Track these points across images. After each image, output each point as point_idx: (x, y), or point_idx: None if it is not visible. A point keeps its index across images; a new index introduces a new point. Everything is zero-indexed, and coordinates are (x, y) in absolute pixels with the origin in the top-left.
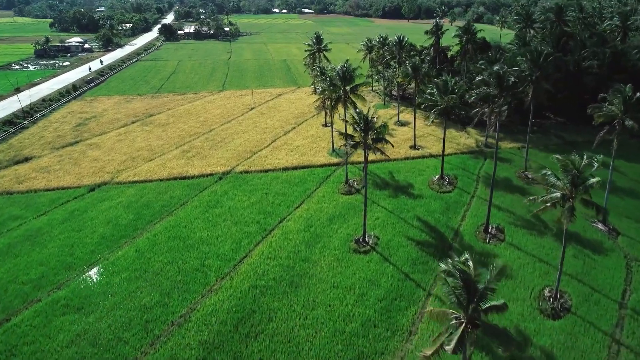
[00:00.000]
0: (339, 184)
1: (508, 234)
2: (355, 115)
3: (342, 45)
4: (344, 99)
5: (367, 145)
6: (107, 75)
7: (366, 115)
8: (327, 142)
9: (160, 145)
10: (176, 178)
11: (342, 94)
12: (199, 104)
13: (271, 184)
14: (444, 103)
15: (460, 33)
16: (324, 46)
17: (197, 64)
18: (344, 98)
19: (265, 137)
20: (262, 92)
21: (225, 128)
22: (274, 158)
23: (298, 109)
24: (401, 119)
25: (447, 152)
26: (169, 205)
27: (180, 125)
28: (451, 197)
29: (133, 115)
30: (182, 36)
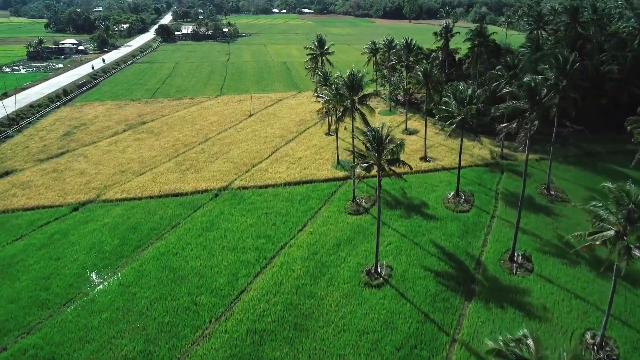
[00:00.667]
0: (345, 202)
1: (536, 263)
2: (366, 131)
3: (344, 47)
4: (352, 110)
5: (381, 168)
6: (100, 79)
7: (379, 131)
8: (332, 154)
9: (152, 156)
10: (168, 195)
11: (350, 104)
12: (195, 110)
13: (271, 202)
14: (462, 114)
15: (471, 36)
16: (327, 49)
17: (194, 67)
18: (352, 109)
19: (264, 148)
20: (262, 97)
21: (222, 137)
22: (275, 172)
23: (299, 115)
24: (409, 127)
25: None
26: (158, 227)
27: (174, 134)
28: (469, 217)
29: (125, 123)
30: (180, 37)
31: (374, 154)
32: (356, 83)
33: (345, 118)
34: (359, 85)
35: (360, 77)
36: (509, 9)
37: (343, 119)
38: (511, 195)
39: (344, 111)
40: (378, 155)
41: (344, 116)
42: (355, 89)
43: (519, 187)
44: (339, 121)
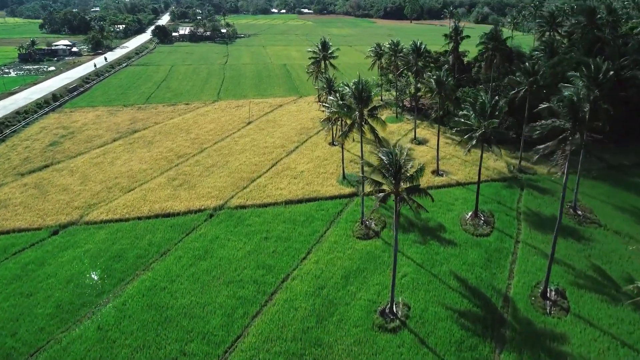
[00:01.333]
0: (353, 224)
1: (572, 300)
2: (381, 155)
3: (345, 48)
4: (360, 124)
5: (399, 198)
6: (92, 82)
7: (396, 154)
8: (336, 167)
9: (142, 170)
10: (158, 215)
11: (358, 118)
12: (190, 117)
13: (272, 223)
14: (483, 128)
15: (485, 40)
16: (331, 53)
17: (190, 70)
18: (360, 123)
19: (264, 160)
20: (261, 102)
21: (218, 148)
22: (275, 187)
23: (301, 123)
24: (417, 136)
25: (475, 180)
26: (146, 255)
27: (167, 144)
28: (490, 242)
29: (115, 131)
30: (177, 38)
31: (390, 180)
32: (365, 94)
33: (352, 132)
34: (368, 97)
35: (369, 88)
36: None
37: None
38: (534, 215)
39: (351, 125)
40: (396, 183)
41: (351, 130)
42: (363, 100)
43: (542, 206)
44: (345, 136)
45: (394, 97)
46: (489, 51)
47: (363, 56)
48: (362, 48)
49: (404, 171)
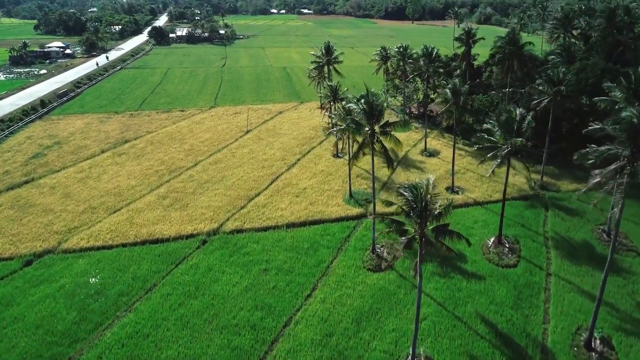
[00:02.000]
0: (363, 252)
1: (621, 351)
2: (402, 191)
3: (347, 50)
4: (371, 142)
5: (426, 241)
6: (83, 87)
7: (421, 190)
8: (342, 182)
9: (131, 186)
10: (145, 242)
11: (369, 136)
12: (185, 125)
13: (272, 251)
14: (509, 146)
15: (502, 44)
16: (335, 57)
17: (187, 73)
18: (371, 142)
19: (263, 175)
20: (260, 108)
21: (214, 160)
22: (275, 207)
23: (302, 132)
24: (428, 147)
25: (496, 198)
26: (129, 292)
27: (159, 156)
28: (518, 275)
29: (104, 141)
30: (174, 39)
31: (414, 220)
32: (376, 109)
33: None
34: (380, 112)
35: (381, 102)
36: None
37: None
38: (564, 241)
39: (361, 144)
40: (421, 224)
41: (361, 150)
42: (375, 116)
43: (571, 230)
44: (355, 158)
45: (400, 103)
46: (506, 56)
47: (366, 58)
48: (365, 50)
49: (431, 209)
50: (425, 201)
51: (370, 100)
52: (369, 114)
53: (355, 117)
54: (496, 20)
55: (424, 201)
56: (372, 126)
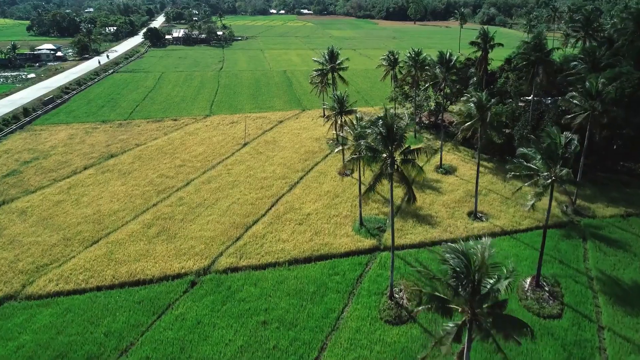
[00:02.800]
0: (378, 298)
1: None
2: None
3: (349, 52)
4: (391, 173)
5: (477, 324)
6: (71, 93)
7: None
8: (351, 207)
9: (113, 211)
10: (124, 284)
11: (389, 165)
12: (178, 136)
13: (272, 297)
14: (553, 176)
15: (526, 50)
16: (339, 64)
17: (182, 77)
18: (391, 172)
19: (262, 197)
20: (258, 117)
21: (208, 179)
22: (276, 238)
23: (305, 144)
24: (443, 163)
25: (526, 226)
26: (100, 354)
27: (147, 173)
28: (565, 329)
29: (88, 156)
30: (170, 41)
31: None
32: (398, 133)
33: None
34: (402, 136)
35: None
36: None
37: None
38: (612, 283)
39: (378, 176)
40: (471, 304)
41: (378, 182)
42: (395, 140)
43: (617, 268)
44: (372, 190)
45: (410, 111)
46: (531, 63)
47: (369, 61)
48: (368, 52)
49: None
50: (477, 277)
51: (390, 123)
52: (388, 139)
53: (370, 142)
54: (500, 20)
55: (475, 278)
56: (391, 153)
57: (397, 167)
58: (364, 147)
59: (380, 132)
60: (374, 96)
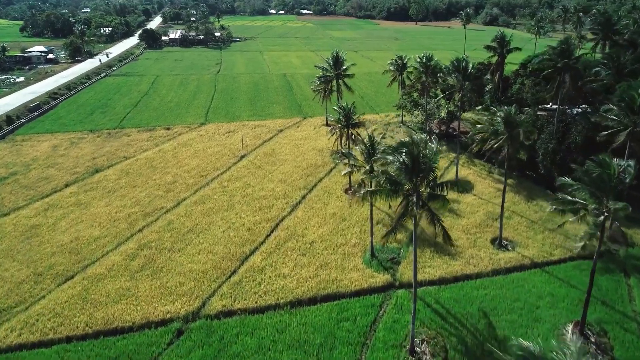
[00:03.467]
0: (397, 352)
1: None
2: None
3: (351, 55)
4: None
5: None
6: (60, 99)
7: None
8: (360, 232)
9: (93, 239)
10: (99, 334)
11: (415, 206)
12: (170, 148)
13: (271, 350)
14: (608, 211)
15: (552, 56)
16: (345, 70)
17: (177, 81)
18: (416, 208)
19: (260, 221)
20: (257, 126)
21: (201, 198)
22: (276, 273)
23: (307, 157)
24: (459, 179)
25: (558, 256)
26: None
27: (134, 192)
28: None
29: (71, 171)
30: (167, 42)
31: None
32: (425, 163)
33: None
34: (430, 167)
35: (433, 154)
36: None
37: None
38: None
39: (402, 215)
40: None
41: (401, 222)
42: (422, 172)
43: None
44: (391, 234)
45: (418, 119)
46: (558, 71)
47: (372, 64)
48: (370, 54)
49: None
50: None
51: (415, 153)
52: (413, 171)
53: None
54: (503, 21)
55: None
56: (416, 188)
57: (423, 203)
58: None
59: (403, 163)
60: (379, 102)
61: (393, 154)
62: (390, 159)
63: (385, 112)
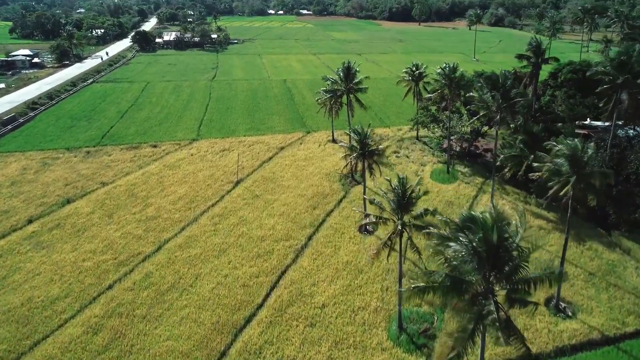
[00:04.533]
0: None
1: None
2: None
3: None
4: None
5: None
6: (39, 109)
7: None
8: (381, 290)
9: (50, 300)
10: None
11: (492, 318)
12: (155, 170)
13: None
14: None
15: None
16: (357, 83)
17: (169, 88)
18: (496, 325)
19: (258, 273)
20: (255, 142)
21: (187, 239)
22: (278, 355)
23: (312, 183)
24: None
25: (631, 327)
26: None
27: (108, 232)
28: None
29: (38, 202)
30: (161, 45)
31: None
32: (507, 253)
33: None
34: (515, 266)
35: (518, 239)
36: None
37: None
38: None
39: (471, 334)
40: None
41: (473, 338)
42: (502, 265)
43: None
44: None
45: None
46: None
47: (377, 68)
48: (375, 57)
49: None
50: None
51: (492, 241)
52: (487, 263)
53: (454, 261)
54: (510, 22)
55: None
56: (491, 288)
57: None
58: (444, 278)
59: (475, 251)
60: (389, 113)
61: (456, 237)
62: (455, 249)
63: (397, 125)
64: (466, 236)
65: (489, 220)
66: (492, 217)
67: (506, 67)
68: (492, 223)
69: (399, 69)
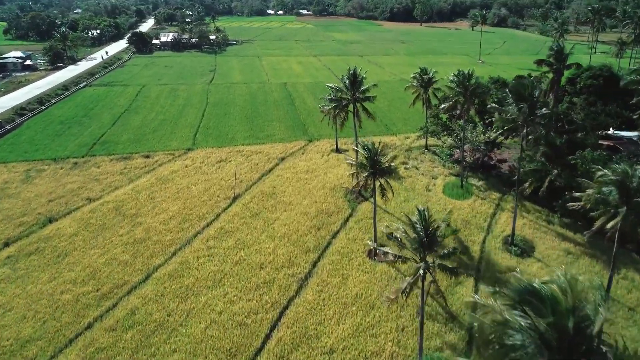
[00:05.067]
0: None
1: None
2: None
3: (356, 60)
4: None
5: None
6: (27, 115)
7: None
8: (396, 331)
9: (20, 345)
10: None
11: None
12: (146, 185)
13: None
14: None
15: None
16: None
17: (165, 92)
18: None
19: (257, 309)
20: (254, 152)
21: (178, 267)
22: None
23: (316, 199)
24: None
25: None
26: None
27: (91, 258)
28: None
29: (17, 221)
30: (158, 46)
31: None
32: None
33: None
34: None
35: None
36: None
37: None
38: None
39: None
40: None
41: None
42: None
43: None
44: None
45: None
46: None
47: (380, 70)
48: (377, 59)
49: None
50: None
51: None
52: (558, 351)
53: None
54: (513, 22)
55: None
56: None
57: None
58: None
59: (543, 340)
60: (394, 119)
61: (516, 321)
62: (513, 335)
63: (404, 133)
64: (528, 319)
65: (560, 297)
66: (563, 291)
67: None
68: (564, 302)
69: (403, 71)
